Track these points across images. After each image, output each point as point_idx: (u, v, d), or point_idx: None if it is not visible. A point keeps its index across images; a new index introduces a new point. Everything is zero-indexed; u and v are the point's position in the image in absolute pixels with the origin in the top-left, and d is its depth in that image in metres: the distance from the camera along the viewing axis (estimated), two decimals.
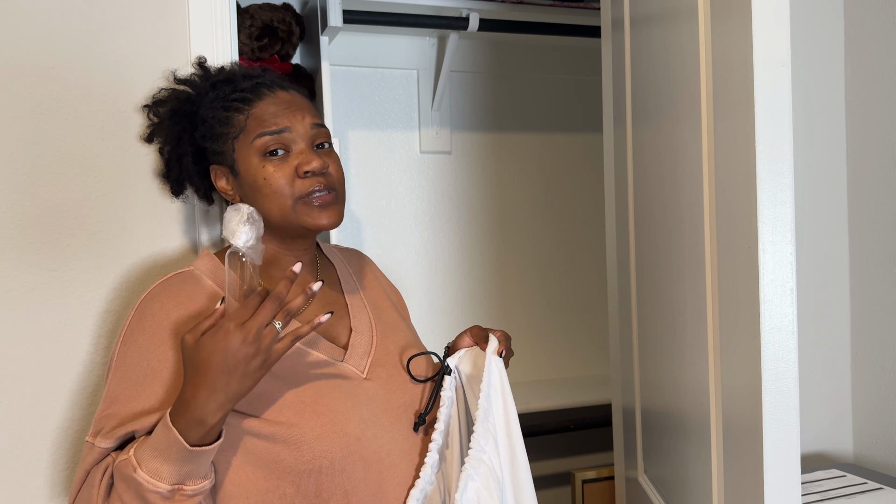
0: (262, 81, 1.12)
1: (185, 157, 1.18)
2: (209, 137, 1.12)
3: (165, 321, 1.04)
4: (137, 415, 1.00)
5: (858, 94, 1.76)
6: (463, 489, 0.99)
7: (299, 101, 1.12)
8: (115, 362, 1.04)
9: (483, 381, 1.07)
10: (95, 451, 1.00)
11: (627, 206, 1.51)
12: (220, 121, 1.10)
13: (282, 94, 1.11)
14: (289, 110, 1.09)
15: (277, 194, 1.06)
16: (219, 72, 1.23)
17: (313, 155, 1.08)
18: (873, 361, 1.75)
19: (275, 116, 1.08)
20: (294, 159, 1.07)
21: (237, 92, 1.11)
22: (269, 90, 1.11)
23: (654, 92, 1.31)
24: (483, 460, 1.02)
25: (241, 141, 1.09)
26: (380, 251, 2.28)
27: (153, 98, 1.26)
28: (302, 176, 1.07)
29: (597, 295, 2.51)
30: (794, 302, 0.95)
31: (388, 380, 1.11)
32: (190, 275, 1.10)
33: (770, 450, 0.95)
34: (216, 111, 1.11)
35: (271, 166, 1.07)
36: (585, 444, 2.47)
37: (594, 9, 2.22)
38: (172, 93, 1.22)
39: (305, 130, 1.09)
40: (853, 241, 1.79)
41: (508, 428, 1.09)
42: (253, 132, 1.08)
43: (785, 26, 0.93)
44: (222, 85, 1.15)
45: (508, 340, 1.15)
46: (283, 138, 1.07)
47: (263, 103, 1.09)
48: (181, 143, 1.17)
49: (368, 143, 2.28)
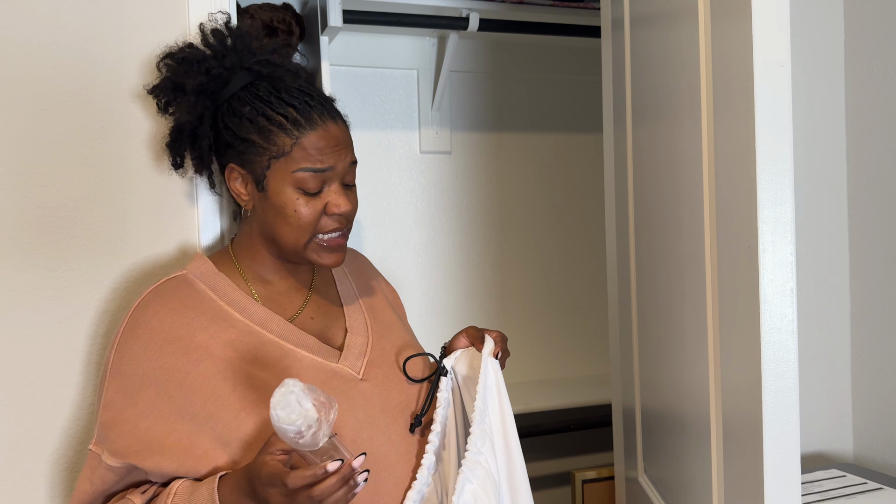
0: (315, 105, 1.07)
1: (202, 139, 1.12)
2: (242, 140, 1.07)
3: (159, 328, 1.04)
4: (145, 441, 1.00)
5: (858, 94, 1.76)
6: (460, 492, 0.99)
7: (345, 135, 1.09)
8: (111, 370, 1.04)
9: (479, 382, 1.07)
10: (102, 468, 1.01)
11: (627, 206, 1.51)
12: (260, 131, 1.05)
13: (332, 126, 1.06)
14: (336, 148, 1.06)
15: (301, 228, 1.06)
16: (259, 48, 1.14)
17: (344, 198, 1.07)
18: (873, 361, 1.75)
19: (322, 153, 1.05)
20: (326, 197, 1.06)
21: (285, 105, 1.05)
22: (321, 119, 1.06)
23: (654, 92, 1.31)
24: (480, 462, 1.02)
25: (281, 164, 1.05)
26: (380, 251, 2.28)
27: (176, 56, 1.15)
28: (329, 215, 1.06)
29: (597, 295, 2.50)
30: (794, 302, 0.95)
31: (385, 380, 1.10)
32: (183, 279, 1.10)
33: (770, 450, 0.95)
34: (257, 117, 1.06)
35: (304, 200, 1.05)
36: (585, 444, 2.47)
37: (594, 9, 2.21)
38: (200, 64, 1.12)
39: (344, 169, 1.07)
40: (853, 241, 1.79)
41: (505, 430, 1.09)
42: (296, 162, 1.04)
43: (785, 26, 0.93)
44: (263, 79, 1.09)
45: (504, 341, 1.15)
46: (326, 177, 1.06)
47: (315, 135, 1.05)
48: (202, 123, 1.12)
49: (368, 143, 2.28)
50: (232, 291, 1.10)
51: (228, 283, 1.10)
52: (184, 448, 1.00)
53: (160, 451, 1.00)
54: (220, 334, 1.05)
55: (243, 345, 1.05)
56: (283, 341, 1.07)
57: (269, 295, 1.12)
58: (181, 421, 1.01)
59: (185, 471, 1.00)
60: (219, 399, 1.01)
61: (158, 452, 1.00)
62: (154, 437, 1.00)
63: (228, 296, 1.09)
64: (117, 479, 1.03)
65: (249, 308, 1.09)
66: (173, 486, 0.99)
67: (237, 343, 1.05)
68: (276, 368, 1.04)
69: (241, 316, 1.08)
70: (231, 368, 1.03)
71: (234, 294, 1.09)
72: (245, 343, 1.05)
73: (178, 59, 1.14)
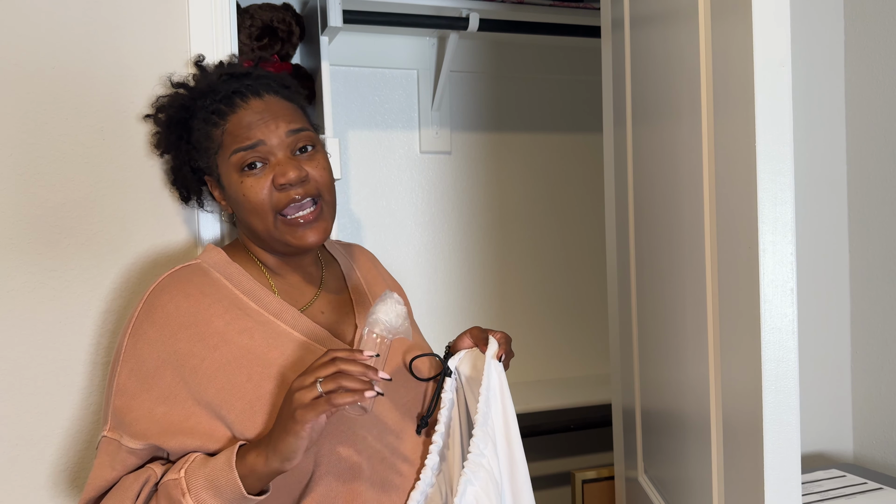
0: (238, 89, 1.08)
1: (184, 167, 1.16)
2: (196, 150, 1.11)
3: (175, 312, 1.03)
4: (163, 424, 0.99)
5: (858, 94, 1.76)
6: (462, 493, 0.99)
7: (273, 106, 1.07)
8: (125, 354, 1.03)
9: (482, 384, 1.07)
10: (123, 453, 1.00)
11: (627, 206, 1.51)
12: (203, 135, 1.09)
13: (254, 102, 1.07)
14: (262, 121, 1.05)
15: (258, 209, 1.05)
16: (212, 71, 1.20)
17: (289, 165, 1.04)
18: (873, 361, 1.75)
19: (248, 129, 1.05)
20: (271, 171, 1.05)
21: (215, 103, 1.08)
22: (242, 99, 1.07)
23: (654, 92, 1.31)
24: (482, 465, 1.02)
25: (221, 157, 1.07)
26: (380, 251, 2.28)
27: (154, 105, 1.24)
28: (279, 188, 1.04)
29: (597, 295, 2.51)
30: (794, 302, 0.95)
31: (392, 377, 1.10)
32: (198, 267, 1.10)
33: (770, 450, 0.95)
34: (199, 124, 1.10)
35: (250, 180, 1.05)
36: (585, 444, 2.47)
37: (594, 9, 2.22)
38: (169, 99, 1.20)
39: (281, 139, 1.05)
40: (853, 241, 1.79)
41: (508, 432, 1.09)
42: (229, 148, 1.06)
43: (785, 26, 0.93)
44: (208, 91, 1.12)
45: (509, 342, 1.15)
46: (259, 151, 1.05)
47: (236, 116, 1.06)
48: (179, 151, 1.16)
49: (368, 143, 2.28)
50: (246, 281, 1.09)
51: (242, 272, 1.10)
52: (204, 431, 0.99)
53: (181, 432, 0.99)
54: (236, 322, 1.05)
55: (259, 334, 1.05)
56: (296, 332, 1.07)
57: (282, 287, 1.13)
58: (198, 406, 1.00)
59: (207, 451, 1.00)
60: (234, 387, 1.00)
61: (181, 433, 0.99)
62: (172, 422, 1.00)
63: (243, 285, 1.09)
64: (139, 462, 1.01)
65: (264, 298, 1.08)
66: (191, 455, 0.98)
67: (253, 331, 1.05)
68: (291, 359, 1.04)
69: (256, 305, 1.07)
70: (247, 357, 1.02)
71: (249, 283, 1.09)
72: (260, 332, 1.05)
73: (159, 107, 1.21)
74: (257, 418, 1.00)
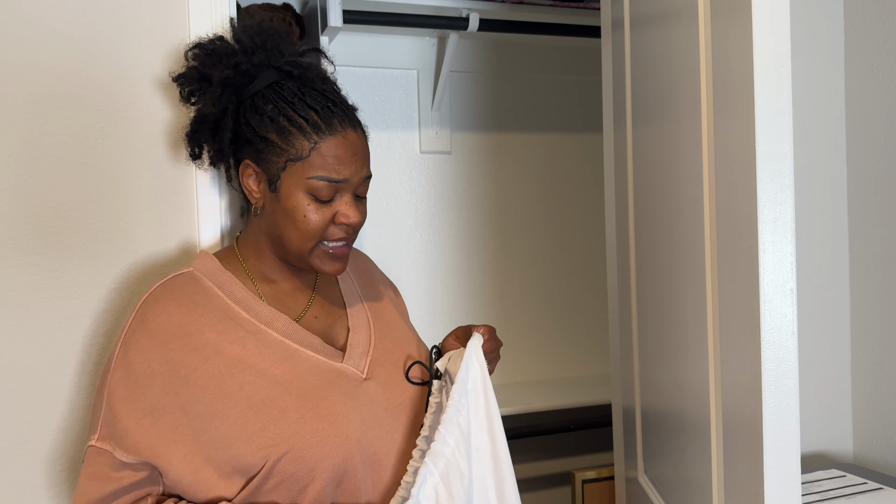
0: (336, 111, 1.06)
1: (224, 132, 1.11)
2: (261, 138, 1.06)
3: (168, 323, 1.04)
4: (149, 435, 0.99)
5: (858, 94, 1.76)
6: (420, 484, 0.97)
7: (364, 147, 1.09)
8: (116, 362, 1.04)
9: (459, 375, 1.06)
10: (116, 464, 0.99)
11: (627, 206, 1.51)
12: (280, 131, 1.05)
13: (352, 135, 1.06)
14: (354, 159, 1.06)
15: (308, 233, 1.06)
16: (288, 49, 1.14)
17: (355, 209, 1.07)
18: (873, 361, 1.75)
19: (339, 163, 1.04)
20: (337, 206, 1.06)
21: (307, 108, 1.05)
22: (342, 126, 1.06)
23: (654, 92, 1.31)
24: (444, 454, 1.00)
25: (297, 167, 1.04)
26: (380, 251, 2.28)
27: (205, 47, 1.14)
28: (337, 224, 1.06)
29: (597, 295, 2.51)
30: (794, 302, 0.95)
31: (388, 379, 1.10)
32: (190, 276, 1.10)
33: (770, 450, 0.95)
34: (278, 116, 1.06)
35: (315, 206, 1.05)
36: (585, 444, 2.47)
37: (594, 9, 2.21)
38: (228, 57, 1.11)
39: (358, 182, 1.07)
40: (853, 241, 1.79)
41: (490, 423, 1.06)
42: (313, 168, 1.04)
43: (785, 26, 0.93)
44: (289, 79, 1.09)
45: (492, 332, 1.14)
46: (340, 187, 1.06)
47: (333, 141, 1.04)
48: (225, 115, 1.11)
49: (368, 142, 2.28)
50: (238, 290, 1.09)
51: (235, 281, 1.10)
52: (189, 444, 0.99)
53: (168, 445, 0.99)
54: (229, 332, 1.05)
55: (251, 343, 1.05)
56: (288, 341, 1.07)
57: (274, 294, 1.12)
58: (186, 417, 1.00)
59: (192, 468, 0.99)
60: (226, 397, 1.00)
61: (172, 443, 0.99)
62: (158, 433, 0.99)
63: (235, 294, 1.09)
64: (133, 475, 1.00)
65: (256, 307, 1.09)
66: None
67: (244, 341, 1.05)
68: (282, 368, 1.04)
69: (248, 315, 1.08)
70: (238, 366, 1.02)
71: (241, 293, 1.09)
72: (252, 341, 1.05)
73: (207, 51, 1.13)
74: (250, 426, 0.99)
